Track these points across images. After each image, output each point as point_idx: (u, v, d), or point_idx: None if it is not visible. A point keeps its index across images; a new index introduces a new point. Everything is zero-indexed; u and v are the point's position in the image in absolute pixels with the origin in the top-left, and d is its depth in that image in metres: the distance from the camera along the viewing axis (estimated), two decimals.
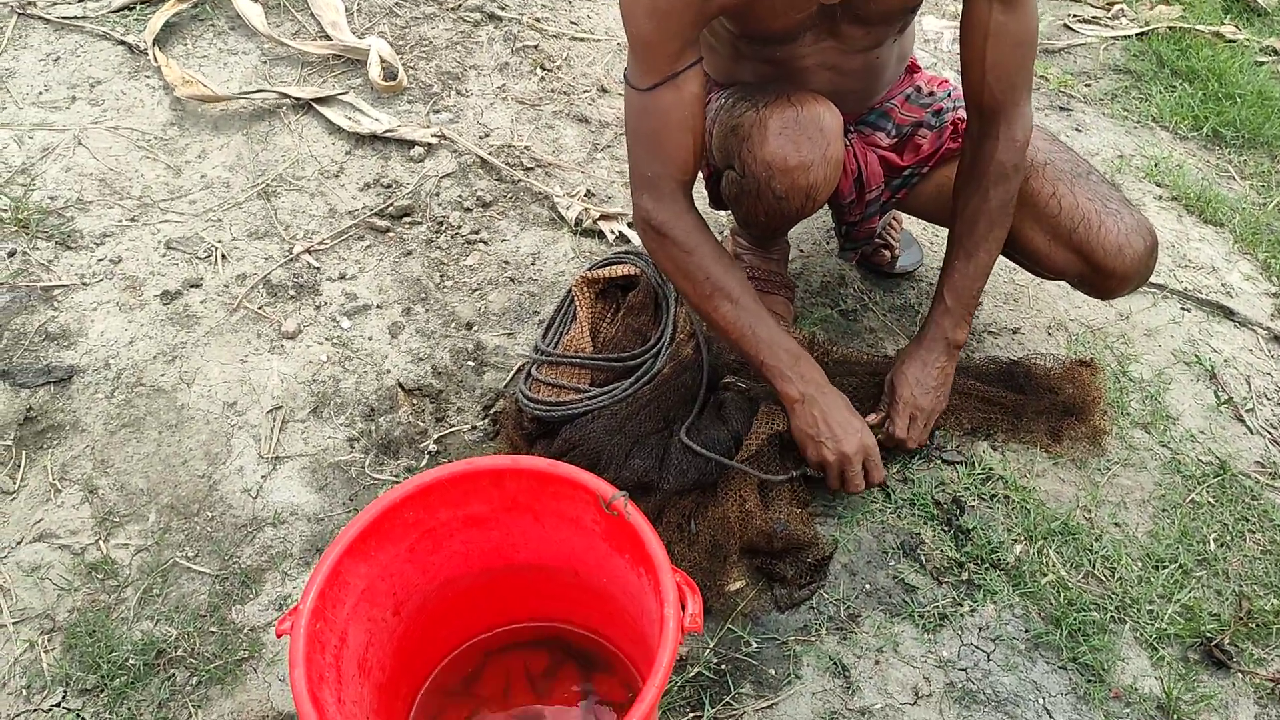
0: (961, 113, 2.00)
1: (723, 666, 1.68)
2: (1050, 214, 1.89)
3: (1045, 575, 1.82)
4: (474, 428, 2.03)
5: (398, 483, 1.90)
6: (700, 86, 1.70)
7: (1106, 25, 3.72)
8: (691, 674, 1.67)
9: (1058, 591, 1.79)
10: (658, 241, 1.78)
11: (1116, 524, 1.93)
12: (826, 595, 1.78)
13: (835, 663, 1.69)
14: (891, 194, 2.11)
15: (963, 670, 1.69)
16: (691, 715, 1.62)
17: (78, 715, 1.63)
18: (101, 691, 1.65)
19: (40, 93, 2.70)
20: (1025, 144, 1.83)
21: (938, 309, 1.95)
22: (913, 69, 2.11)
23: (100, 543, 1.84)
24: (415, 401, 2.09)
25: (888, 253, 2.41)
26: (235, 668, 1.68)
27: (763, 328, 1.81)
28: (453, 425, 2.04)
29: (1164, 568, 1.85)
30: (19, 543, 1.84)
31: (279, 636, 1.33)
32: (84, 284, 2.26)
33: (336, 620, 1.38)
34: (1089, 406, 2.11)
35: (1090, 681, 1.68)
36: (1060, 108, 3.18)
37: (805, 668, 1.69)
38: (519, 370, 2.13)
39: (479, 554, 1.55)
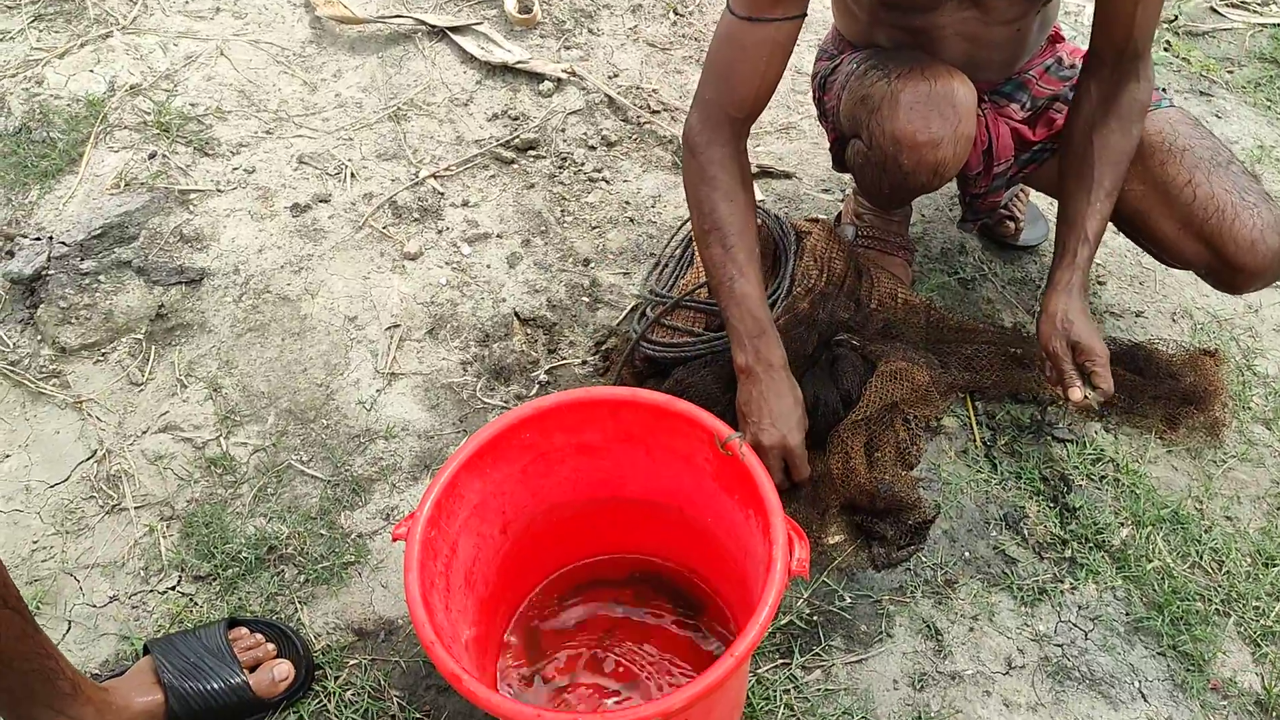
0: None
1: (815, 618, 1.69)
2: (1184, 202, 1.83)
3: (1150, 561, 1.79)
4: (584, 362, 2.06)
5: (507, 408, 1.95)
6: (790, 42, 1.68)
7: (1255, 11, 3.57)
8: (784, 622, 1.68)
9: (1162, 578, 1.76)
10: (688, 160, 1.77)
11: (1228, 517, 1.89)
12: (924, 559, 1.77)
13: (928, 625, 1.69)
14: (1020, 169, 2.06)
15: (1058, 646, 1.67)
16: (780, 662, 1.63)
17: (190, 599, 1.70)
18: (214, 580, 1.72)
19: (186, 1, 2.77)
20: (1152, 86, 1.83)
21: (1082, 251, 1.81)
22: (1055, 39, 2.05)
23: (221, 439, 1.91)
24: (529, 331, 2.12)
25: (1012, 224, 2.36)
26: (341, 570, 1.73)
27: (742, 285, 1.71)
28: (564, 358, 2.07)
29: (1274, 565, 1.81)
30: (144, 432, 1.92)
31: (394, 540, 1.37)
32: (219, 191, 2.33)
33: (449, 531, 1.41)
34: (1209, 396, 2.05)
35: (1189, 670, 1.65)
36: (1201, 92, 3.07)
37: (898, 627, 1.69)
38: (634, 309, 2.15)
39: (587, 483, 1.57)
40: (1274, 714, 1.61)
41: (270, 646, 1.59)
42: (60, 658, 1.37)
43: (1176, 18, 3.38)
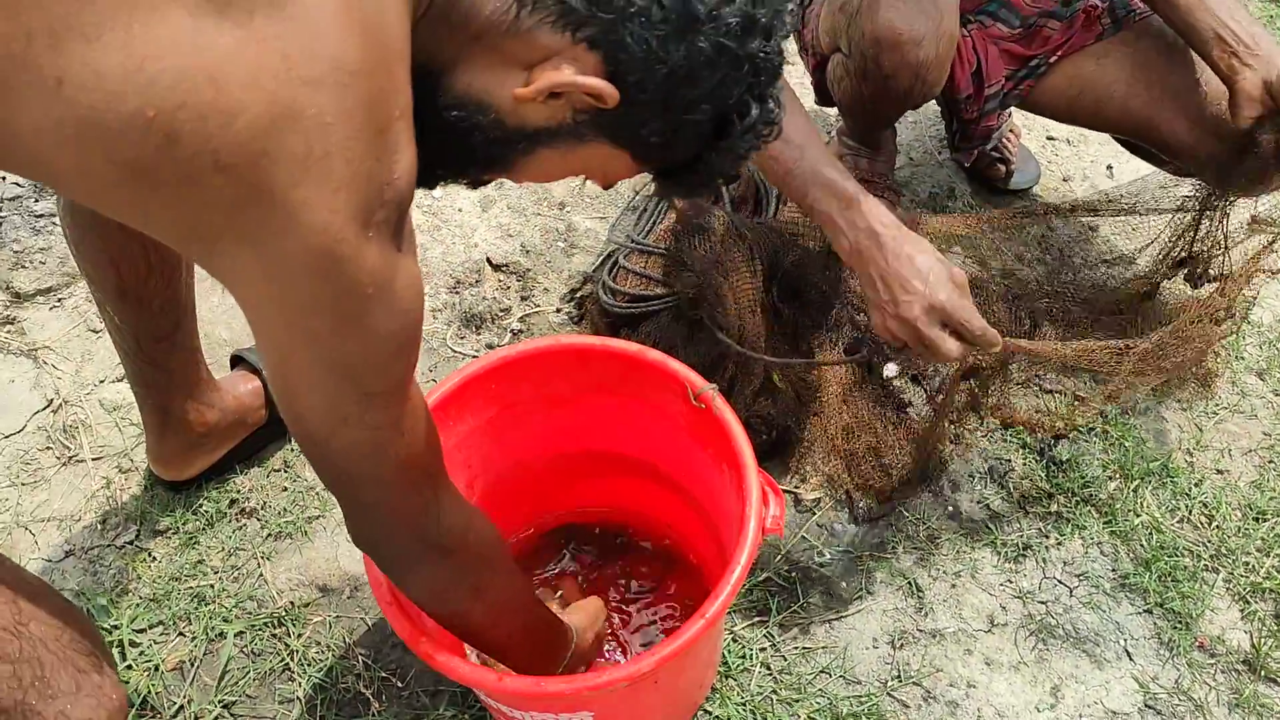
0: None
1: (793, 575, 1.64)
2: (1197, 101, 1.79)
3: (1138, 516, 1.74)
4: (559, 310, 1.99)
5: (478, 357, 1.88)
6: None
7: None
8: (761, 578, 1.63)
9: (1150, 534, 1.72)
10: None
11: (1219, 471, 1.84)
12: (906, 514, 1.72)
13: (910, 582, 1.64)
14: (1014, 85, 1.99)
15: (1042, 603, 1.63)
16: (758, 619, 1.59)
17: (149, 554, 1.65)
18: (174, 534, 1.67)
19: None
20: None
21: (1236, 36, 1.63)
22: None
23: None
24: (502, 278, 2.05)
25: (1002, 167, 2.29)
26: (305, 524, 1.68)
27: (810, 161, 1.44)
28: (538, 305, 2.00)
29: (1265, 520, 1.76)
30: (102, 381, 1.86)
31: None
32: None
33: None
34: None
35: (1176, 629, 1.61)
36: None
37: (878, 584, 1.64)
38: (608, 257, 2.07)
39: (556, 435, 1.51)
40: (1262, 673, 1.57)
41: None
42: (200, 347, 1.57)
43: None
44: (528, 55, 0.87)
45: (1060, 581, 1.65)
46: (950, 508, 1.74)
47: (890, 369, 1.80)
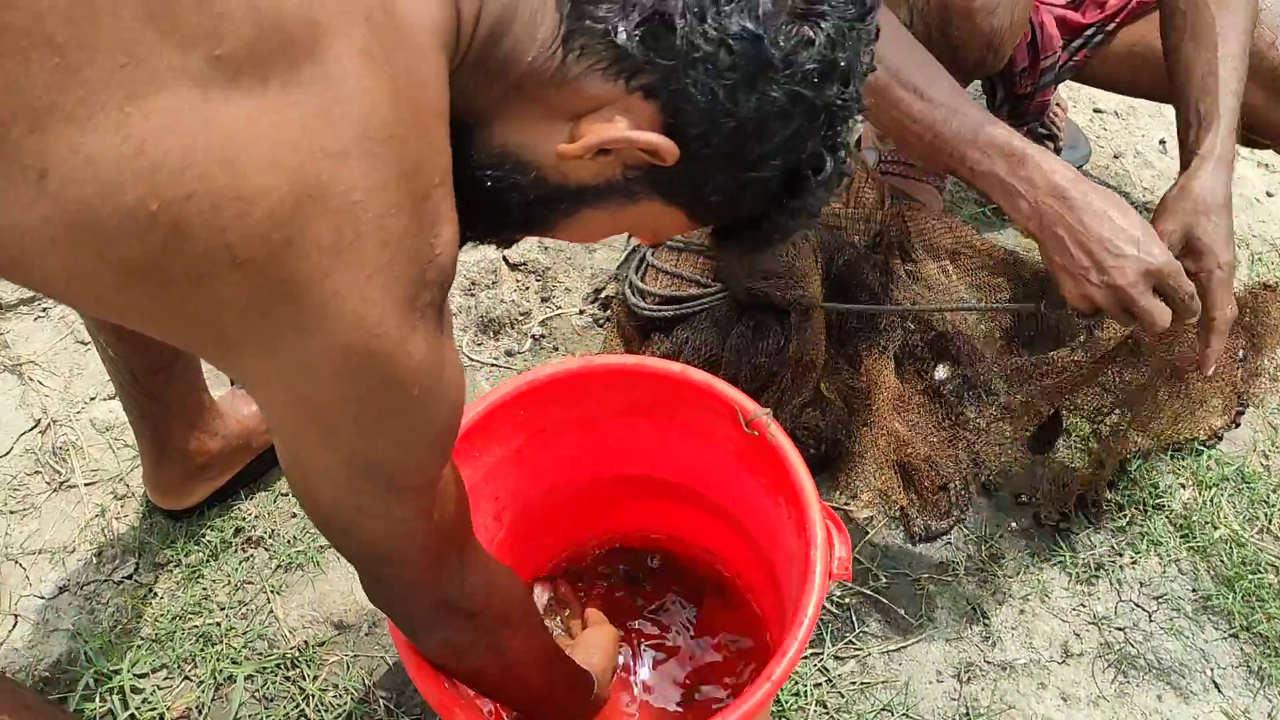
0: None
1: (847, 601, 1.52)
2: (1270, 65, 1.64)
3: (1216, 529, 1.61)
4: (582, 311, 1.85)
5: (497, 366, 1.75)
6: None
7: None
8: None
9: (1230, 548, 1.59)
10: None
11: None
12: (966, 530, 1.59)
13: (974, 608, 1.51)
14: (1069, 57, 1.84)
15: (1120, 630, 1.50)
16: (811, 651, 1.46)
17: (149, 590, 1.52)
18: (175, 566, 1.54)
19: None
20: None
21: (1225, 105, 1.40)
22: None
23: None
24: (520, 277, 1.90)
25: (1050, 144, 2.14)
26: (317, 554, 1.55)
27: (962, 120, 1.28)
28: (559, 307, 1.86)
29: None
30: (93, 399, 1.72)
31: None
32: None
33: None
34: (1270, 337, 1.85)
35: (1265, 655, 1.48)
36: None
37: (939, 610, 1.52)
38: (633, 252, 1.93)
39: (590, 460, 1.38)
40: None
41: None
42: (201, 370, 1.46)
43: None
44: (574, 106, 0.74)
45: (1138, 605, 1.53)
46: (1013, 523, 1.61)
47: (940, 372, 1.67)
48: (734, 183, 0.80)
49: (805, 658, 1.45)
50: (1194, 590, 1.54)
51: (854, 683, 1.44)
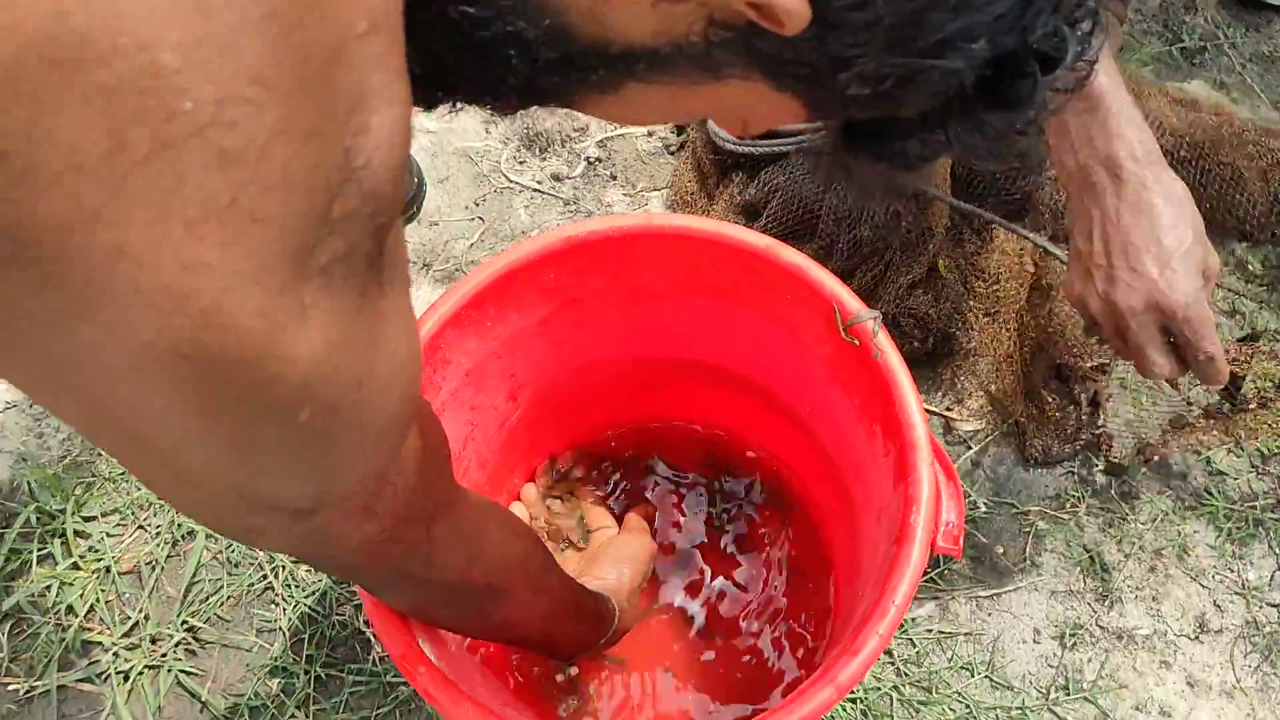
0: None
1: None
2: None
3: None
4: (651, 133, 1.52)
5: (540, 191, 1.44)
6: None
7: None
8: None
9: None
10: None
11: None
12: (1094, 461, 1.29)
13: (1092, 556, 1.23)
14: None
15: (1274, 607, 1.21)
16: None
17: None
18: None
19: None
20: None
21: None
22: None
23: None
24: None
25: None
26: None
27: None
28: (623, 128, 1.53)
29: None
30: None
31: None
32: None
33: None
34: None
35: None
36: None
37: (1048, 554, 1.23)
38: None
39: (640, 337, 1.09)
40: None
41: None
42: None
43: None
44: None
45: None
46: (1156, 458, 1.30)
47: None
48: (898, 72, 0.45)
49: None
50: None
51: (930, 630, 1.18)
